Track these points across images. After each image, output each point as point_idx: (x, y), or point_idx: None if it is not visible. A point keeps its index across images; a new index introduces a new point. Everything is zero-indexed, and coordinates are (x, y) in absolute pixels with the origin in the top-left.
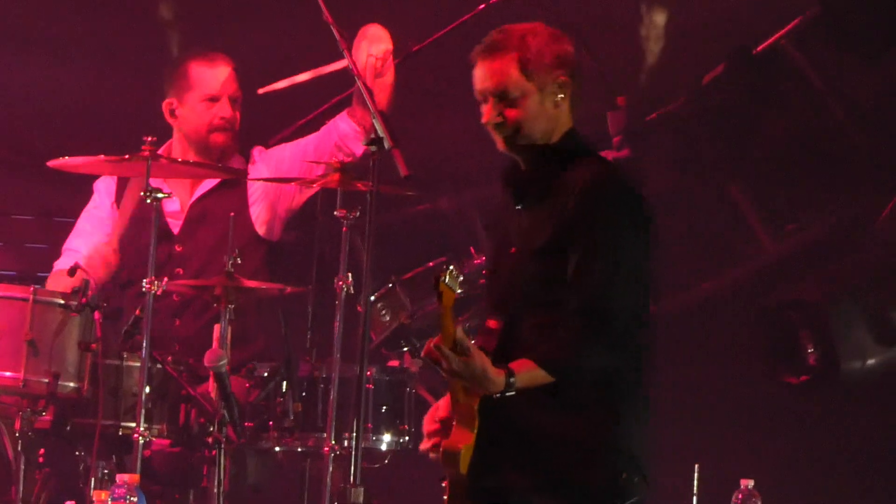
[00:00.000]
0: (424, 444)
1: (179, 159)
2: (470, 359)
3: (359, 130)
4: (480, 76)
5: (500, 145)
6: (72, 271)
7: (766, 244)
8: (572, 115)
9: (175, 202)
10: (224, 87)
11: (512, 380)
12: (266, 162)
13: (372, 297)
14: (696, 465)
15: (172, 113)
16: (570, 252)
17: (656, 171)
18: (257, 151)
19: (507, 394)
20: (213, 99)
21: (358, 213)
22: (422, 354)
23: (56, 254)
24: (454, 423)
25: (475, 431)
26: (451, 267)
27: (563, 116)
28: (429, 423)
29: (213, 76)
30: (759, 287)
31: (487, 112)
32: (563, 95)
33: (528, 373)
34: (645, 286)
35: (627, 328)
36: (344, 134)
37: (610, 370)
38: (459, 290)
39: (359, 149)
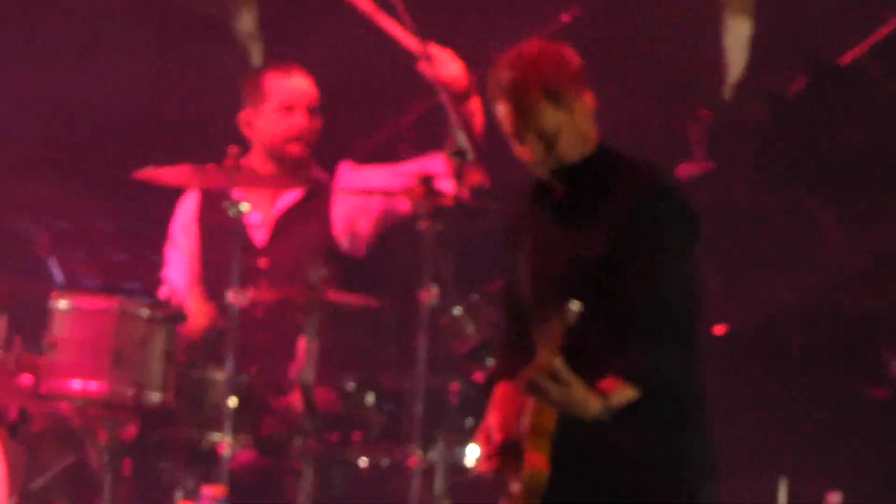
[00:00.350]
0: (485, 466)
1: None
2: (570, 387)
3: (451, 175)
4: (510, 118)
5: (542, 177)
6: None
7: (843, 256)
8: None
9: (257, 215)
10: (299, 96)
11: (609, 403)
12: (353, 180)
13: (457, 310)
14: (782, 479)
15: (249, 125)
16: (630, 263)
17: (737, 183)
18: (345, 167)
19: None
20: (289, 108)
21: (441, 226)
22: (520, 384)
23: (137, 264)
24: (529, 443)
25: (548, 452)
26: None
27: (591, 127)
28: (485, 442)
29: (288, 86)
30: (838, 299)
31: (528, 153)
32: (588, 109)
33: (620, 393)
34: (700, 295)
35: (692, 339)
36: (436, 174)
37: (682, 382)
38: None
39: (448, 189)
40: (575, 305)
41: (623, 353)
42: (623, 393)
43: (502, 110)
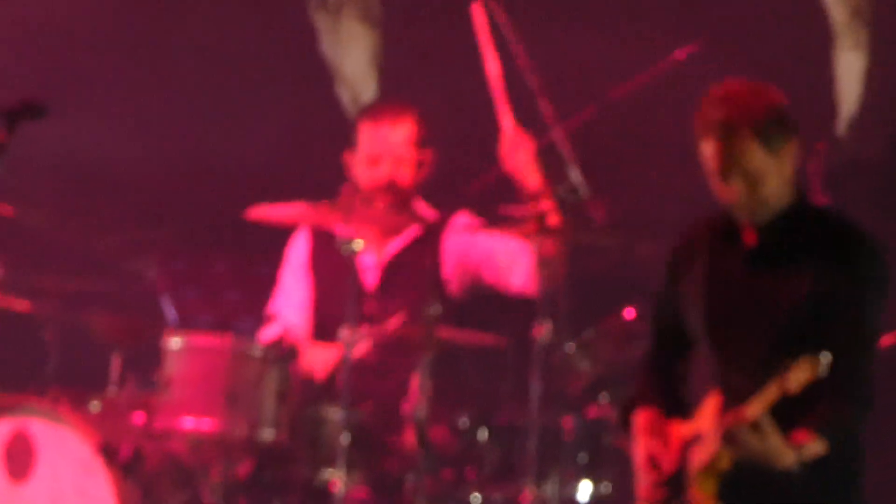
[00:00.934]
0: (653, 494)
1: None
2: (769, 439)
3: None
4: (717, 156)
5: (743, 220)
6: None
7: None
8: None
9: (369, 257)
10: (384, 148)
11: (802, 456)
12: (464, 236)
13: (570, 346)
14: None
15: (349, 167)
16: (833, 319)
17: (853, 218)
18: (463, 217)
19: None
20: (373, 160)
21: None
22: (720, 431)
23: (250, 303)
24: (697, 481)
25: (716, 492)
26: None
27: (794, 175)
28: (652, 471)
29: (375, 136)
30: None
31: (731, 193)
32: (794, 156)
33: (812, 447)
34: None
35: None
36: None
37: (859, 437)
38: None
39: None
40: (826, 358)
41: (819, 407)
42: (814, 447)
43: (709, 148)
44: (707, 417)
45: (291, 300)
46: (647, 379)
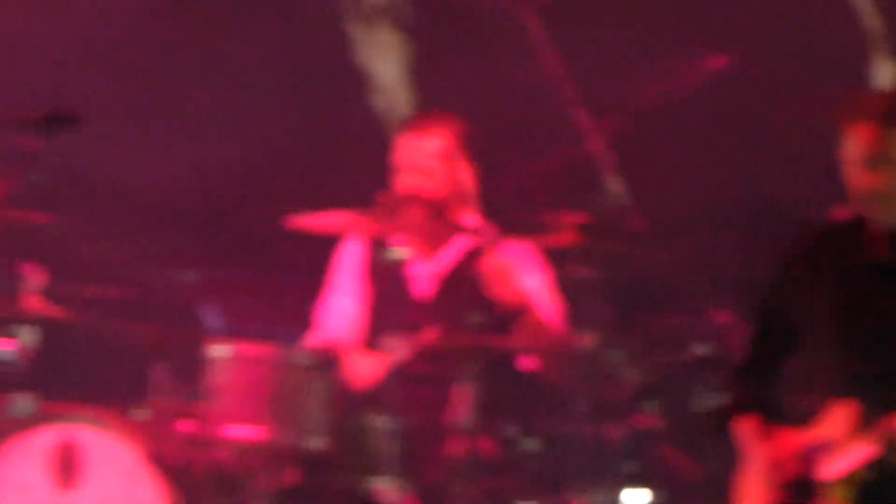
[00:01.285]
0: (779, 495)
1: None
2: None
3: None
4: (874, 142)
5: (873, 216)
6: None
7: None
8: None
9: (423, 267)
10: (411, 158)
11: None
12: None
13: (616, 355)
14: None
15: None
16: None
17: None
18: (518, 245)
19: None
20: (401, 169)
21: (599, 272)
22: (885, 438)
23: (293, 310)
24: (836, 489)
25: (853, 500)
26: None
27: None
28: (779, 472)
29: (403, 147)
30: None
31: (879, 182)
32: None
33: None
34: None
35: None
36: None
37: None
38: None
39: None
40: None
41: None
42: None
43: (865, 134)
44: (836, 426)
45: (340, 307)
46: (746, 385)
